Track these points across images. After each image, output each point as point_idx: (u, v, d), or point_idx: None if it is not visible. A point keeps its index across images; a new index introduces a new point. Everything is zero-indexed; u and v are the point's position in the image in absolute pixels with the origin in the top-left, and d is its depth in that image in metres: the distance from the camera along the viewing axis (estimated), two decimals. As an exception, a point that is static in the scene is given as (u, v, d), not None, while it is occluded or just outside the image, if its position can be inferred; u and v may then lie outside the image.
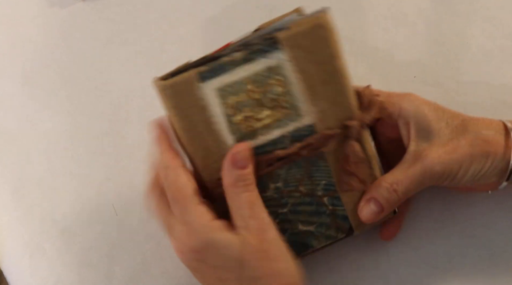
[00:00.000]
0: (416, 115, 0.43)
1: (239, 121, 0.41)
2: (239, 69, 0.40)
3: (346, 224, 0.44)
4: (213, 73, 0.40)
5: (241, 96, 0.41)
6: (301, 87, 0.41)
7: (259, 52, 0.40)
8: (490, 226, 0.49)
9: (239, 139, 0.41)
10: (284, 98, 0.41)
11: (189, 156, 0.42)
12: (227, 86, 0.40)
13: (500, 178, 0.43)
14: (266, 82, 0.40)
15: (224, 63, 0.40)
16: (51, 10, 0.57)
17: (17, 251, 0.52)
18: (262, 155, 0.42)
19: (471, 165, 0.42)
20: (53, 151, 0.54)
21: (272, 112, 0.41)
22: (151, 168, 0.44)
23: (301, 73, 0.40)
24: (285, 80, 0.40)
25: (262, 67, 0.40)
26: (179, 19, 0.56)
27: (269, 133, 0.41)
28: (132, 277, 0.51)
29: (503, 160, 0.42)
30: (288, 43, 0.40)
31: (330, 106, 0.41)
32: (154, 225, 0.52)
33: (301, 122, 0.41)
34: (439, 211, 0.49)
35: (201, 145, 0.41)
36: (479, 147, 0.42)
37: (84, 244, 0.52)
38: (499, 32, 0.53)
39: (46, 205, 0.53)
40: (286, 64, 0.40)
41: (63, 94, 0.55)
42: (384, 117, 0.45)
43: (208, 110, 0.41)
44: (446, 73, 0.52)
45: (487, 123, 0.43)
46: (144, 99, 0.54)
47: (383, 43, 0.54)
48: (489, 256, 0.48)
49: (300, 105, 0.41)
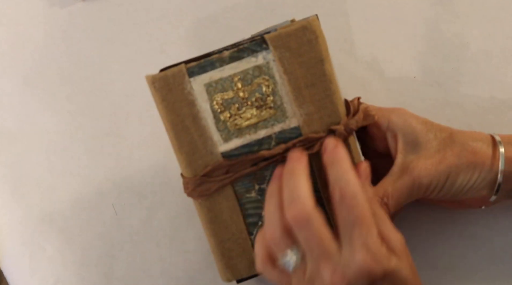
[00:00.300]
0: (404, 128, 0.43)
1: (226, 118, 0.42)
2: (227, 67, 0.41)
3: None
4: (201, 69, 0.41)
5: (229, 94, 0.42)
6: (288, 89, 0.42)
7: (247, 51, 0.41)
8: (490, 226, 0.49)
9: (226, 136, 0.42)
10: (271, 99, 0.42)
11: (176, 150, 0.43)
12: (215, 83, 0.41)
13: (490, 191, 0.43)
14: (254, 81, 0.42)
15: (212, 60, 0.41)
16: (51, 10, 0.57)
17: (17, 250, 0.52)
18: (247, 154, 0.42)
19: (458, 176, 0.42)
20: (53, 151, 0.54)
21: (258, 111, 0.42)
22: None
23: (287, 74, 0.41)
24: (271, 80, 0.42)
25: (250, 66, 0.41)
26: (179, 19, 0.56)
27: (255, 133, 0.42)
28: (132, 277, 0.51)
29: (491, 171, 0.42)
30: (274, 43, 0.41)
31: (317, 110, 0.42)
32: (154, 225, 0.52)
33: (287, 124, 0.42)
34: (439, 211, 0.49)
35: (187, 140, 0.42)
36: (465, 158, 0.42)
37: (84, 244, 0.52)
38: (499, 32, 0.53)
39: (46, 205, 0.53)
40: (272, 64, 0.41)
41: (63, 94, 0.55)
42: (372, 130, 0.45)
43: (196, 105, 0.42)
44: (446, 73, 0.52)
45: (474, 135, 0.43)
46: (144, 99, 0.54)
47: (383, 43, 0.54)
48: (489, 256, 0.48)
49: (286, 106, 0.42)
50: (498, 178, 0.42)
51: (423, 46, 0.53)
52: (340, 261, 0.36)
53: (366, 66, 0.53)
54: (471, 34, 0.53)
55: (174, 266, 0.51)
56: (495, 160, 0.42)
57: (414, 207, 0.50)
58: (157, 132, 0.53)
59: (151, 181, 0.53)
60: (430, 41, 0.53)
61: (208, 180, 0.42)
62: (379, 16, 0.54)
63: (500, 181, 0.42)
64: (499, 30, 0.53)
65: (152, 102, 0.55)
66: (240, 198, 0.43)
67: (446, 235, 0.49)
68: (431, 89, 0.52)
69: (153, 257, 0.51)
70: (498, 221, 0.49)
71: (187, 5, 0.56)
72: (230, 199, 0.43)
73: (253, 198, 0.43)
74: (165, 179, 0.52)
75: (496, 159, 0.42)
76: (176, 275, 0.51)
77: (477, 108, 0.51)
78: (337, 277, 0.36)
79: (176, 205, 0.52)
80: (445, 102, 0.52)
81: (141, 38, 0.56)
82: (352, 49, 0.54)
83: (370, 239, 0.36)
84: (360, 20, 0.54)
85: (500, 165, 0.42)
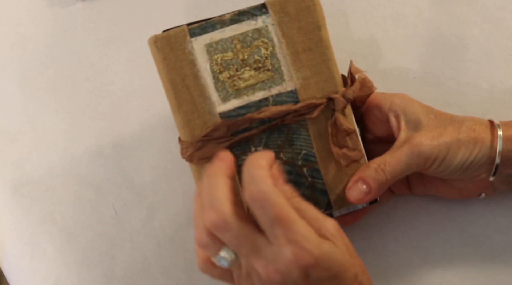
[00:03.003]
0: (406, 108, 0.45)
1: (225, 79, 0.43)
2: (227, 28, 0.43)
3: (324, 199, 0.45)
4: (203, 30, 0.43)
5: (228, 55, 0.43)
6: (286, 52, 0.43)
7: (247, 14, 0.43)
8: (490, 225, 0.49)
9: (224, 96, 0.43)
10: (269, 61, 0.43)
11: (174, 110, 0.43)
12: (216, 43, 0.43)
13: (488, 172, 0.44)
14: (253, 43, 0.43)
15: (213, 21, 0.43)
16: (51, 10, 0.57)
17: (17, 251, 0.52)
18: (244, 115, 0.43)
19: (459, 149, 0.43)
20: (53, 151, 0.54)
21: (256, 73, 0.43)
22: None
23: (285, 38, 0.43)
24: (270, 43, 0.43)
25: (249, 29, 0.43)
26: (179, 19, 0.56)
27: (253, 94, 0.43)
28: (132, 277, 0.51)
29: (491, 148, 0.43)
30: (274, 8, 0.43)
31: (313, 75, 0.43)
32: (154, 225, 0.52)
33: (284, 87, 0.44)
34: (438, 211, 0.50)
35: (187, 99, 0.43)
36: (466, 134, 0.43)
37: (84, 244, 0.52)
38: (499, 32, 0.53)
39: (46, 205, 0.53)
40: (271, 28, 0.43)
41: (63, 94, 0.55)
42: (373, 112, 0.46)
43: (197, 65, 0.43)
44: (446, 74, 0.52)
45: (474, 118, 0.45)
46: (144, 99, 0.54)
47: (383, 44, 0.54)
48: (489, 256, 0.48)
49: (284, 70, 0.43)
50: (496, 159, 0.43)
51: (423, 46, 0.53)
52: (270, 256, 0.37)
53: (366, 66, 0.53)
54: (471, 34, 0.53)
55: (174, 266, 0.51)
56: (494, 138, 0.43)
57: (414, 206, 0.50)
58: (157, 132, 0.53)
59: (151, 181, 0.53)
60: (430, 41, 0.53)
61: (208, 143, 0.43)
62: (379, 16, 0.54)
63: (498, 162, 0.43)
64: (499, 30, 0.53)
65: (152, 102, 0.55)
66: (236, 160, 0.43)
67: (445, 234, 0.49)
68: (431, 89, 0.52)
69: (153, 257, 0.51)
70: (497, 220, 0.49)
71: (187, 5, 0.56)
72: None
73: None
74: (165, 179, 0.52)
75: (495, 137, 0.43)
76: (176, 275, 0.51)
77: (477, 108, 0.51)
78: (270, 270, 0.36)
79: (176, 204, 0.52)
80: (445, 102, 0.52)
81: (141, 38, 0.56)
82: (352, 49, 0.54)
83: (292, 233, 0.36)
84: (360, 20, 0.54)
85: (498, 146, 0.43)
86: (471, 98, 0.52)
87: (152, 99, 0.54)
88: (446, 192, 0.48)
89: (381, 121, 0.46)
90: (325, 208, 0.45)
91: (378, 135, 0.47)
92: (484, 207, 0.49)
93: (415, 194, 0.49)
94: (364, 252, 0.49)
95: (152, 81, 0.48)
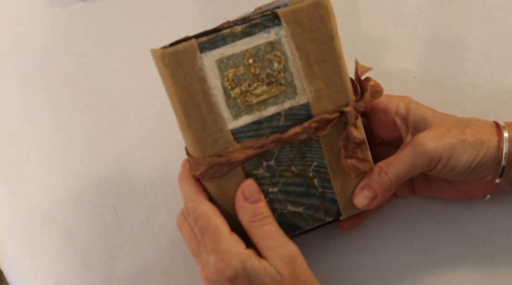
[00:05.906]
0: (412, 111, 0.44)
1: (236, 95, 0.41)
2: (239, 42, 0.41)
3: (334, 207, 0.44)
4: (213, 45, 0.40)
5: (240, 70, 0.41)
6: (299, 65, 0.41)
7: (259, 26, 0.41)
8: (490, 226, 0.49)
9: (236, 113, 0.42)
10: (282, 75, 0.42)
11: (184, 128, 0.42)
12: (227, 58, 0.41)
13: (494, 173, 0.44)
14: (265, 57, 0.41)
15: (224, 35, 0.40)
16: (51, 10, 0.57)
17: (18, 251, 0.52)
18: (257, 133, 0.42)
19: (466, 150, 0.42)
20: (53, 151, 0.54)
21: (269, 88, 0.42)
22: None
23: (298, 50, 0.41)
24: (283, 57, 0.41)
25: (261, 42, 0.41)
26: (179, 19, 0.56)
27: (265, 109, 0.42)
28: (132, 277, 0.51)
29: (497, 148, 0.43)
30: (287, 19, 0.40)
31: (326, 87, 0.42)
32: (154, 225, 0.52)
33: (297, 101, 0.42)
34: (439, 211, 0.50)
35: (197, 117, 0.41)
36: (471, 135, 0.43)
37: (84, 244, 0.52)
38: (499, 32, 0.53)
39: (46, 205, 0.53)
40: (284, 40, 0.41)
41: (63, 94, 0.55)
42: (379, 116, 0.46)
43: (207, 82, 0.41)
44: (446, 74, 0.53)
45: (479, 119, 0.45)
46: (144, 99, 0.54)
47: (383, 44, 0.54)
48: (489, 256, 0.48)
49: (296, 83, 0.42)
50: (502, 161, 0.43)
51: (423, 46, 0.53)
52: (204, 262, 0.41)
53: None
54: (471, 34, 0.53)
55: (174, 266, 0.51)
56: (500, 139, 0.43)
57: (415, 207, 0.50)
58: (157, 132, 0.54)
59: (151, 181, 0.53)
60: (430, 41, 0.53)
61: (221, 163, 0.42)
62: (379, 16, 0.54)
63: (504, 164, 0.43)
64: (499, 30, 0.53)
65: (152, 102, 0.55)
66: (248, 175, 0.43)
67: (446, 235, 0.49)
68: (431, 89, 0.52)
69: (153, 257, 0.51)
70: (498, 221, 0.49)
71: (187, 5, 0.56)
72: (238, 176, 0.43)
73: (260, 175, 0.43)
74: (165, 179, 0.52)
75: (501, 138, 0.43)
76: (177, 276, 0.51)
77: (477, 108, 0.51)
78: (203, 276, 0.41)
79: (176, 204, 0.52)
80: (445, 102, 0.52)
81: (141, 38, 0.56)
82: (353, 50, 0.54)
83: (217, 245, 0.40)
84: (360, 20, 0.54)
85: (505, 148, 0.42)
86: (471, 98, 0.52)
87: (152, 99, 0.54)
88: (451, 194, 0.48)
89: (387, 125, 0.46)
90: (334, 217, 0.45)
91: (385, 138, 0.47)
92: (485, 208, 0.49)
93: (419, 195, 0.49)
94: (364, 252, 0.49)
95: (152, 81, 0.48)
